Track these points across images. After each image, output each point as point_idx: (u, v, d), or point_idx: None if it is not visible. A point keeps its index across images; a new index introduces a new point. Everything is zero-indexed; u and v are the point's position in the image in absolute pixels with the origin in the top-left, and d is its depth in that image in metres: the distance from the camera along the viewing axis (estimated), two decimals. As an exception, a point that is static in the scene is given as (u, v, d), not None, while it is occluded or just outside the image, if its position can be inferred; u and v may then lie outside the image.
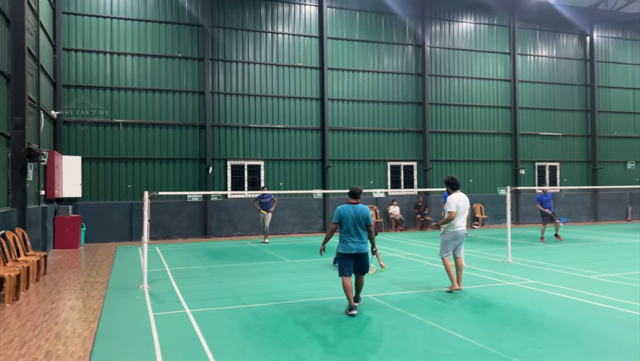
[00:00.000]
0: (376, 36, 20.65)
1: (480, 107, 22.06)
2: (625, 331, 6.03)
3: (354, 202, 7.22)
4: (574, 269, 10.45)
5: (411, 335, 5.96)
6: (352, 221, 7.07)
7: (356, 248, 7.05)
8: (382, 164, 20.54)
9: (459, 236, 8.29)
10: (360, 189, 7.31)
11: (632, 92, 24.72)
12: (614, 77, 24.44)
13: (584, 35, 24.05)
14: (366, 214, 7.16)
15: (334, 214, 7.22)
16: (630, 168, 24.49)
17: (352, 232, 7.06)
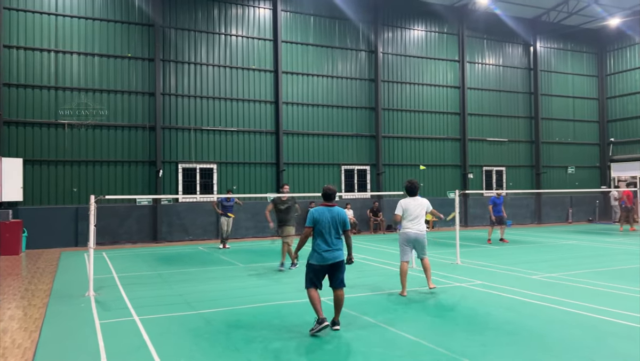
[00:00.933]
0: (330, 41, 20.82)
1: (430, 113, 22.62)
2: (564, 328, 6.32)
3: (330, 204, 6.48)
4: (519, 269, 10.87)
5: (363, 337, 6.02)
6: (329, 225, 6.29)
7: (332, 258, 6.24)
8: (336, 168, 20.70)
9: (410, 238, 8.46)
10: (334, 189, 6.60)
11: (572, 100, 26.01)
12: (555, 85, 25.65)
13: (528, 46, 25.13)
14: (344, 217, 6.43)
15: (307, 217, 6.44)
16: (570, 173, 25.74)
17: (328, 238, 6.27)
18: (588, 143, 26.33)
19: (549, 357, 5.27)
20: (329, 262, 6.24)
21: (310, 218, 6.40)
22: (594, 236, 18.34)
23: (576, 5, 23.44)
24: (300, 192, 19.50)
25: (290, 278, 10.22)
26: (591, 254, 13.45)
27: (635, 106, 25.16)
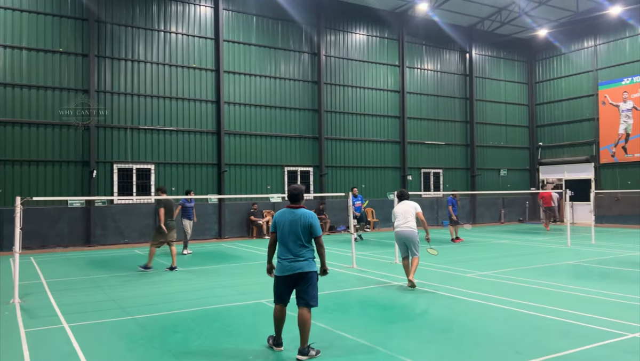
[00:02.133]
0: (273, 42, 20.76)
1: (372, 116, 23.04)
2: (494, 323, 6.62)
3: (295, 206, 5.64)
4: (454, 268, 11.28)
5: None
6: (288, 229, 5.47)
7: (292, 268, 5.40)
8: (279, 169, 20.64)
9: (400, 236, 9.20)
10: (300, 189, 5.71)
11: (504, 106, 27.30)
12: (489, 91, 26.83)
13: (464, 52, 26.14)
14: (309, 220, 5.48)
15: (272, 221, 5.77)
16: (503, 175, 27.00)
17: (289, 245, 5.45)
18: (519, 147, 27.72)
19: (480, 352, 5.50)
20: (289, 273, 5.42)
21: (273, 221, 5.70)
22: (523, 236, 19.32)
23: (508, 16, 24.64)
24: (242, 193, 19.30)
25: (232, 281, 10.09)
26: (521, 252, 14.15)
27: (561, 112, 26.76)
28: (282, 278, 5.49)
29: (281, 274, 5.49)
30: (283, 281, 5.50)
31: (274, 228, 5.62)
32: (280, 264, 5.51)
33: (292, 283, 5.48)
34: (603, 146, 24.62)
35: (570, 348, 5.50)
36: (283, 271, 5.46)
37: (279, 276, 5.52)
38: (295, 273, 5.41)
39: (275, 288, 5.60)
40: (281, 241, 5.52)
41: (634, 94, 23.42)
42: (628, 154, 23.67)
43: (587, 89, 25.41)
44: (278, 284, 5.56)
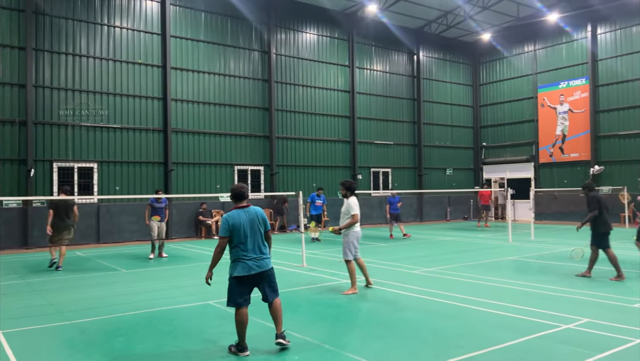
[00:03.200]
0: (222, 39, 20.46)
1: (322, 115, 23.15)
2: (439, 319, 6.81)
3: (243, 205, 5.58)
4: (401, 265, 11.52)
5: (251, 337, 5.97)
6: (248, 229, 5.43)
7: (258, 266, 5.43)
8: (229, 168, 20.38)
9: (360, 236, 8.85)
10: (245, 188, 5.66)
11: (450, 107, 28.12)
12: (435, 93, 27.56)
13: (412, 54, 26.72)
14: (264, 216, 5.61)
15: (221, 225, 5.49)
16: (448, 174, 27.82)
17: (252, 244, 5.43)
18: (464, 147, 28.64)
19: (423, 346, 5.64)
20: (253, 271, 5.39)
21: (223, 226, 5.44)
22: (468, 233, 19.98)
23: (454, 19, 25.39)
24: (190, 192, 18.92)
25: (179, 282, 9.87)
26: (465, 249, 14.63)
27: (503, 113, 27.85)
28: (245, 277, 5.40)
29: (247, 273, 5.38)
30: (247, 281, 5.42)
31: (227, 231, 5.41)
32: (244, 264, 5.39)
33: (255, 282, 5.47)
34: (542, 147, 25.83)
35: (510, 340, 5.73)
36: (249, 270, 5.39)
37: (242, 277, 5.40)
38: (262, 271, 5.45)
39: (238, 290, 5.42)
40: (242, 241, 5.41)
41: (570, 97, 24.70)
42: (565, 154, 24.93)
43: (528, 92, 26.58)
44: (242, 286, 5.42)
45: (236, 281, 5.43)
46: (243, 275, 5.39)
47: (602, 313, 6.88)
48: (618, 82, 23.03)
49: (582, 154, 24.18)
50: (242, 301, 5.43)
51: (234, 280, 5.44)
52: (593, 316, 6.68)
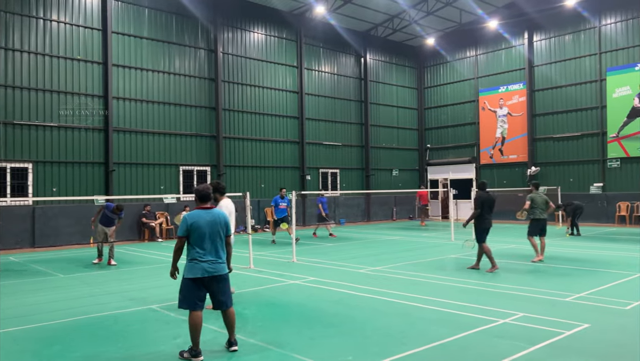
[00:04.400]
0: (167, 36, 19.95)
1: (271, 115, 23.04)
2: (383, 317, 6.93)
3: (207, 207, 5.53)
4: (348, 264, 11.64)
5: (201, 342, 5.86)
6: (210, 230, 5.36)
7: (213, 270, 5.30)
8: (174, 168, 19.90)
9: None
10: (210, 189, 5.67)
11: (396, 109, 28.71)
12: (382, 95, 28.05)
13: (360, 57, 27.08)
14: (226, 220, 5.54)
15: (180, 224, 5.40)
16: (395, 175, 28.39)
17: (210, 246, 5.34)
18: (409, 148, 29.31)
19: (368, 344, 5.72)
20: (211, 274, 5.29)
21: (183, 225, 5.34)
22: (413, 232, 20.46)
23: (400, 23, 25.96)
24: (133, 194, 18.33)
25: (120, 287, 9.53)
26: (410, 248, 14.97)
27: (446, 116, 28.73)
28: (199, 280, 5.29)
29: (201, 275, 5.28)
30: (200, 284, 5.31)
31: (186, 231, 5.32)
32: (198, 266, 5.29)
33: (209, 285, 5.36)
34: (483, 148, 26.84)
35: (450, 335, 5.91)
36: (203, 273, 5.28)
37: (195, 278, 5.29)
38: (216, 275, 5.34)
39: (191, 293, 5.30)
40: (199, 242, 5.32)
41: (508, 101, 25.81)
42: (504, 155, 26.02)
43: (469, 96, 27.55)
44: (194, 288, 5.30)
45: (190, 282, 5.31)
46: (197, 277, 5.28)
47: (536, 307, 7.22)
48: (552, 88, 24.28)
49: (520, 156, 25.32)
50: (197, 303, 5.32)
51: (188, 282, 5.32)
52: (528, 310, 7.00)
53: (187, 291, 5.31)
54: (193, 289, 5.30)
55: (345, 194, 25.65)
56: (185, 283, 5.34)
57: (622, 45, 22.04)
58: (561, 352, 5.33)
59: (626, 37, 22.00)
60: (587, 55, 23.12)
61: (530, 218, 11.87)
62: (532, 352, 5.31)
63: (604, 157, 22.47)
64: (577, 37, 23.49)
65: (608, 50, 22.47)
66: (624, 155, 21.85)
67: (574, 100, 23.55)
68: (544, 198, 11.85)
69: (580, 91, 23.37)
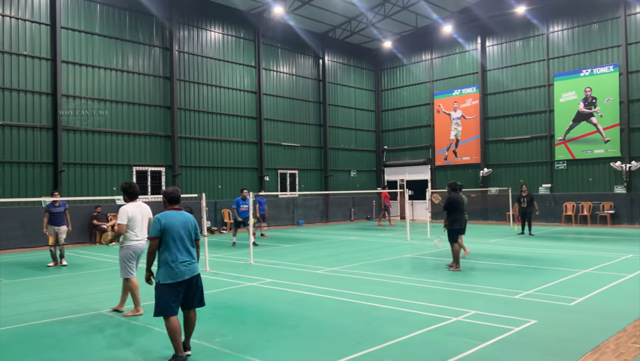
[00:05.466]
0: (120, 33, 19.39)
1: (228, 115, 22.76)
2: (340, 316, 6.95)
3: (178, 208, 5.47)
4: (306, 265, 11.63)
5: (147, 345, 5.70)
6: (183, 231, 5.27)
7: (189, 271, 5.22)
8: (127, 168, 19.34)
9: (139, 249, 7.25)
10: (179, 191, 5.56)
11: (354, 111, 28.95)
12: (340, 97, 28.23)
13: (318, 58, 27.16)
14: (196, 224, 5.48)
15: (152, 225, 5.29)
16: (353, 176, 28.62)
17: (183, 248, 5.24)
18: (367, 150, 29.63)
19: (324, 345, 5.73)
20: (186, 276, 5.18)
21: (155, 226, 5.20)
22: (370, 232, 20.68)
23: (357, 26, 26.20)
24: (84, 195, 17.70)
25: (68, 292, 9.17)
26: (367, 248, 15.11)
27: (403, 118, 29.21)
28: (177, 283, 5.14)
29: (180, 279, 5.14)
30: (178, 287, 5.16)
31: (158, 232, 5.19)
32: (176, 269, 5.14)
33: (186, 287, 5.24)
34: (438, 150, 27.44)
35: (405, 334, 5.99)
36: (182, 275, 5.15)
37: (173, 283, 5.12)
38: (193, 276, 5.26)
39: (169, 297, 5.12)
40: (173, 244, 5.19)
41: (462, 104, 26.49)
42: (458, 157, 26.69)
43: (425, 98, 28.11)
44: (173, 293, 5.14)
45: (169, 288, 5.13)
46: (173, 282, 5.13)
47: (487, 304, 7.43)
48: (504, 92, 25.10)
49: (473, 158, 26.04)
50: (175, 308, 5.17)
51: (163, 287, 5.13)
52: (480, 308, 7.19)
53: (166, 298, 5.13)
54: (172, 294, 5.14)
55: (304, 195, 25.65)
56: (163, 289, 5.14)
57: (569, 52, 23.04)
58: (510, 348, 5.50)
59: (572, 44, 23.02)
60: (536, 61, 24.03)
61: None
62: (483, 348, 5.45)
63: (551, 159, 23.41)
64: (527, 44, 24.39)
65: (555, 56, 23.44)
66: (570, 157, 22.84)
67: (524, 104, 24.43)
68: (465, 199, 12.40)
69: (530, 95, 24.26)
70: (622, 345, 5.52)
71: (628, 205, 21.20)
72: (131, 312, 7.22)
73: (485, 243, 15.59)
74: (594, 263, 11.07)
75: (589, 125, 22.32)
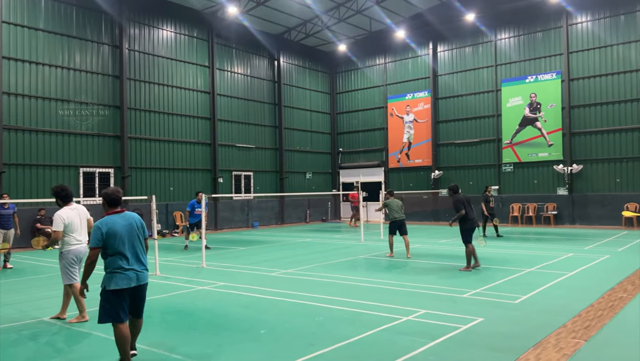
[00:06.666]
0: (67, 29, 18.66)
1: (181, 116, 22.32)
2: (293, 318, 6.94)
3: (119, 210, 5.13)
4: (260, 268, 11.55)
5: (95, 354, 5.50)
6: (129, 236, 5.00)
7: (140, 278, 5.01)
8: (73, 170, 18.62)
9: (81, 253, 7.00)
10: (121, 192, 5.25)
11: (309, 113, 29.02)
12: (296, 99, 28.24)
13: (273, 59, 27.07)
14: (142, 223, 5.23)
15: (92, 235, 4.95)
16: (308, 178, 28.67)
17: (130, 253, 4.97)
18: (322, 152, 29.76)
19: (277, 347, 5.70)
20: (136, 284, 4.97)
21: (96, 235, 4.89)
22: (325, 234, 20.77)
23: (312, 29, 26.30)
24: (27, 197, 16.91)
25: (9, 298, 8.72)
26: (322, 249, 15.17)
27: (357, 121, 29.53)
28: (124, 290, 4.92)
29: (127, 286, 4.92)
30: (125, 294, 4.95)
31: (100, 241, 4.90)
32: (124, 276, 4.91)
33: (132, 295, 5.03)
34: (391, 153, 27.90)
35: (357, 334, 6.05)
36: (129, 282, 4.93)
37: (121, 290, 4.90)
38: (144, 283, 5.08)
39: (116, 304, 4.90)
40: (120, 250, 4.93)
41: (415, 108, 27.06)
42: (410, 160, 27.23)
43: (379, 102, 28.53)
44: (119, 300, 4.92)
45: (114, 294, 4.91)
46: (123, 288, 4.91)
47: (437, 303, 7.61)
48: (454, 96, 25.82)
49: (425, 160, 26.63)
50: (122, 316, 4.95)
51: (111, 294, 4.91)
52: (430, 307, 7.35)
53: (111, 304, 4.92)
54: (118, 301, 4.93)
55: (259, 197, 25.48)
56: (107, 295, 4.93)
57: (515, 59, 23.97)
58: (457, 345, 5.66)
59: (518, 52, 23.96)
60: (484, 67, 24.86)
61: (390, 219, 13.10)
62: (432, 347, 5.58)
63: (499, 162, 24.27)
64: (476, 50, 25.19)
65: (503, 63, 24.33)
66: (517, 160, 23.75)
67: (473, 108, 25.21)
68: (398, 202, 13.18)
69: (479, 100, 25.07)
70: (562, 340, 5.78)
71: (570, 206, 22.25)
72: (76, 319, 6.93)
73: (436, 243, 15.99)
74: (538, 262, 11.54)
75: (533, 129, 23.29)
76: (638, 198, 20.63)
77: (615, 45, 21.47)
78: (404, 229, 12.90)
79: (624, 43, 21.26)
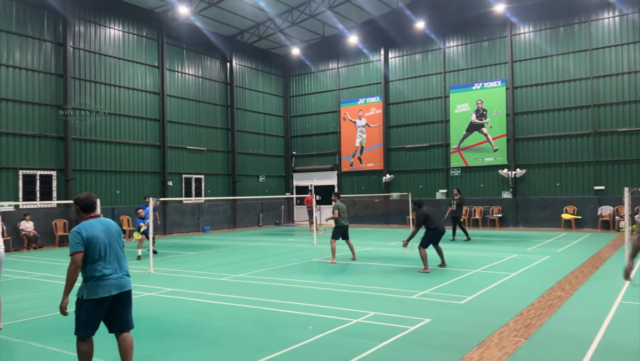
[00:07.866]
0: (6, 25, 17.74)
1: (128, 117, 21.66)
2: (241, 324, 6.85)
3: (95, 215, 4.85)
4: (210, 273, 11.34)
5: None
6: (109, 241, 4.70)
7: (122, 285, 4.67)
8: (12, 172, 17.69)
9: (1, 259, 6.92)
10: (94, 196, 4.95)
11: (263, 116, 28.84)
12: (249, 101, 28.01)
13: (226, 61, 26.74)
14: (119, 229, 4.92)
15: (72, 238, 4.59)
16: (261, 181, 28.47)
17: (110, 260, 4.65)
18: (276, 155, 29.64)
19: (225, 353, 5.61)
20: (117, 291, 4.62)
21: (76, 239, 4.55)
22: (278, 237, 20.67)
23: (266, 31, 26.18)
24: (-41, 201, 15.92)
25: None
26: (274, 253, 15.07)
27: (311, 125, 29.61)
28: (103, 299, 4.55)
29: (107, 295, 4.56)
30: (105, 304, 4.59)
31: (82, 246, 4.54)
32: (106, 282, 4.56)
33: (112, 305, 4.67)
34: (344, 156, 28.14)
35: (306, 338, 6.03)
36: (110, 291, 4.57)
37: (100, 298, 4.54)
38: (124, 291, 4.70)
39: (91, 315, 4.55)
40: (100, 257, 4.59)
41: (367, 113, 27.42)
42: (362, 164, 27.56)
43: (332, 106, 28.73)
44: (98, 310, 4.57)
45: (93, 304, 4.54)
46: (102, 297, 4.54)
47: (386, 305, 7.71)
48: (405, 102, 26.35)
49: (376, 164, 27.02)
50: (91, 328, 4.60)
51: (91, 304, 4.54)
52: (379, 309, 7.44)
53: (90, 315, 4.55)
54: (96, 312, 4.57)
55: (210, 201, 25.05)
56: (86, 306, 4.54)
57: (463, 67, 24.74)
58: (405, 346, 5.74)
59: (465, 59, 24.74)
60: (433, 74, 25.52)
61: (337, 224, 12.80)
62: (381, 348, 5.64)
63: (447, 166, 24.94)
64: (426, 57, 25.83)
65: (451, 70, 25.05)
66: (464, 165, 24.48)
67: (422, 114, 25.81)
68: (344, 206, 12.97)
69: (428, 106, 25.70)
70: (505, 338, 5.98)
71: (514, 209, 23.14)
72: None
73: (386, 246, 16.22)
74: (483, 263, 11.92)
75: (480, 135, 24.09)
76: (576, 200, 21.73)
77: (555, 56, 22.56)
78: (347, 234, 12.90)
79: (563, 54, 22.37)
